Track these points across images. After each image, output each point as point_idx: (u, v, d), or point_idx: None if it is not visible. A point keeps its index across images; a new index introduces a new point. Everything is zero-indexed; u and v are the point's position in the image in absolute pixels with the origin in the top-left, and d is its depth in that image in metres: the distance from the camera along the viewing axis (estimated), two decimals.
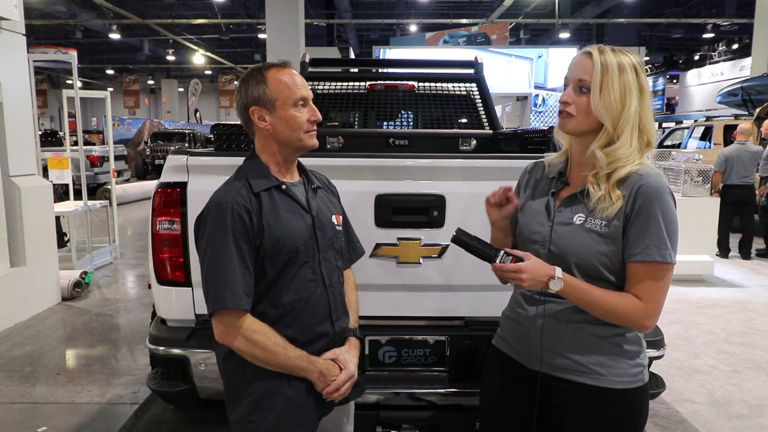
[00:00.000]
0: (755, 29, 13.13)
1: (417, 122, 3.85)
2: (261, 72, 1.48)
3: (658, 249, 1.29)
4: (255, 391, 1.46)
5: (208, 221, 1.42)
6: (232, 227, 1.39)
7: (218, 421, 2.86)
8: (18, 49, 4.64)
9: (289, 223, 1.46)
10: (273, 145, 1.50)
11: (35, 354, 3.93)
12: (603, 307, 1.32)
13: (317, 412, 1.54)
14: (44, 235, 4.93)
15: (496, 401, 1.56)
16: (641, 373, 1.40)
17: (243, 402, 1.48)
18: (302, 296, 1.48)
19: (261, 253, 1.43)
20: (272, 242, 1.43)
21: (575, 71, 1.36)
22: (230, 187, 1.46)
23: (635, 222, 1.30)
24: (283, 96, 1.46)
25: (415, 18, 21.32)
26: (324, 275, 1.53)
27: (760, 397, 3.37)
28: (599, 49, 1.34)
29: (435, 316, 2.23)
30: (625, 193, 1.31)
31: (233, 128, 2.41)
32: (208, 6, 20.68)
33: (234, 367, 1.48)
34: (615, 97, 1.31)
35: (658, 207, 1.29)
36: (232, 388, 1.51)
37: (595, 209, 1.34)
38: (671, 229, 1.30)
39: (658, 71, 27.70)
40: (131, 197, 12.18)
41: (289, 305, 1.47)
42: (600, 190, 1.33)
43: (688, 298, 5.38)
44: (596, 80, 1.32)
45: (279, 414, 1.46)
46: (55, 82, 33.16)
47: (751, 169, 6.92)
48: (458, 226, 1.43)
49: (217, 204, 1.42)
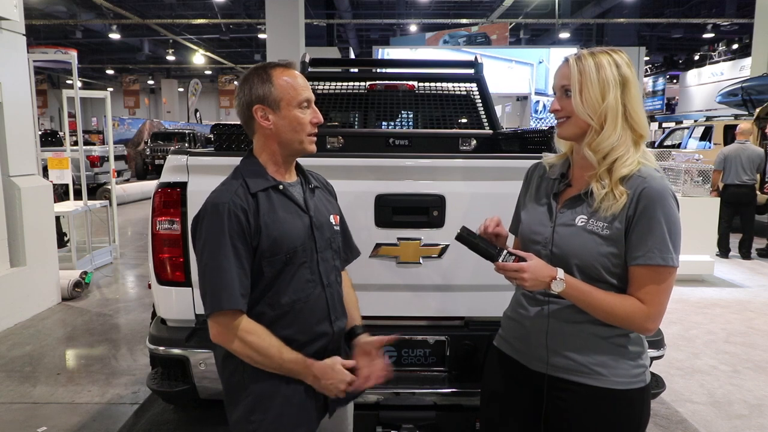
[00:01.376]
0: (755, 29, 13.13)
1: (417, 122, 3.85)
2: (266, 71, 1.48)
3: (661, 252, 1.29)
4: (254, 391, 1.46)
5: (205, 222, 1.42)
6: (229, 228, 1.39)
7: (218, 421, 2.85)
8: (18, 49, 4.65)
9: (287, 224, 1.46)
10: (273, 145, 1.50)
11: (35, 354, 3.93)
12: (604, 309, 1.32)
13: (317, 412, 1.54)
14: (44, 235, 4.93)
15: (497, 402, 1.56)
16: (643, 374, 1.40)
17: (242, 403, 1.47)
18: (301, 296, 1.48)
19: (258, 253, 1.43)
20: (270, 242, 1.43)
21: (558, 79, 1.40)
22: (227, 187, 1.46)
23: (638, 225, 1.30)
24: (288, 96, 1.46)
25: (415, 18, 21.32)
26: (322, 275, 1.53)
27: (760, 397, 3.37)
28: (577, 55, 1.37)
29: (435, 316, 2.23)
30: (629, 191, 1.32)
31: (233, 128, 2.41)
32: (208, 6, 20.69)
33: (233, 368, 1.48)
34: (595, 93, 1.33)
35: (661, 210, 1.29)
36: (231, 389, 1.51)
37: (598, 209, 1.34)
38: (674, 233, 1.30)
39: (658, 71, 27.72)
40: (131, 197, 12.18)
41: (287, 305, 1.46)
42: (604, 188, 1.33)
43: (688, 298, 5.38)
44: (575, 82, 1.34)
45: (278, 414, 1.46)
46: (55, 82, 33.16)
47: (751, 169, 6.90)
48: (463, 225, 1.43)
49: (213, 204, 1.42)
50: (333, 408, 1.58)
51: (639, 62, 18.24)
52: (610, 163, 1.33)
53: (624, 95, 1.34)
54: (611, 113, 1.33)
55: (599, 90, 1.33)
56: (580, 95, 1.34)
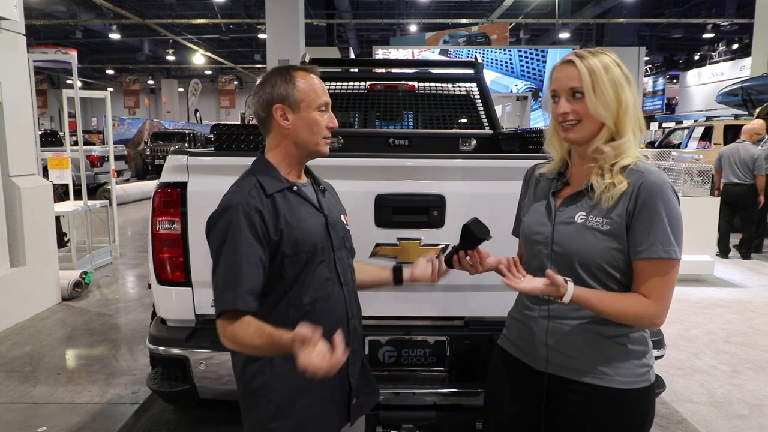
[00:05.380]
0: (755, 29, 13.11)
1: (417, 122, 3.85)
2: (289, 72, 1.50)
3: (663, 245, 1.29)
4: (275, 398, 1.46)
5: (219, 223, 1.43)
6: (242, 228, 1.39)
7: (218, 421, 2.86)
8: (18, 49, 4.64)
9: (306, 223, 1.48)
10: (289, 145, 1.51)
11: (35, 354, 3.93)
12: (612, 313, 1.33)
13: (338, 422, 1.54)
14: (44, 235, 4.93)
15: (502, 402, 1.56)
16: (647, 373, 1.40)
17: (261, 409, 1.47)
18: (321, 295, 1.49)
19: (280, 253, 1.43)
20: (292, 242, 1.43)
21: (563, 82, 1.36)
22: (241, 188, 1.47)
23: (638, 219, 1.31)
24: (309, 98, 1.48)
25: (415, 18, 21.32)
26: (339, 273, 1.55)
27: (760, 397, 3.37)
28: (578, 54, 1.36)
29: (435, 316, 2.23)
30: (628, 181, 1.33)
31: (233, 128, 2.41)
32: (208, 6, 20.69)
33: (254, 373, 1.48)
34: (609, 94, 1.32)
35: (661, 203, 1.30)
36: (250, 394, 1.50)
37: (598, 203, 1.34)
38: (675, 225, 1.30)
39: (658, 71, 27.72)
40: (131, 197, 12.18)
41: (309, 305, 1.47)
42: (605, 180, 1.34)
43: (688, 298, 5.38)
44: (587, 84, 1.33)
45: (299, 422, 1.46)
46: (55, 82, 33.15)
47: (744, 169, 6.86)
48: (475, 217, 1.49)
49: (227, 205, 1.43)
50: (355, 416, 1.58)
51: (639, 62, 18.23)
52: (619, 158, 1.34)
53: (631, 93, 1.35)
54: (629, 112, 1.34)
55: (613, 90, 1.33)
56: (595, 97, 1.33)
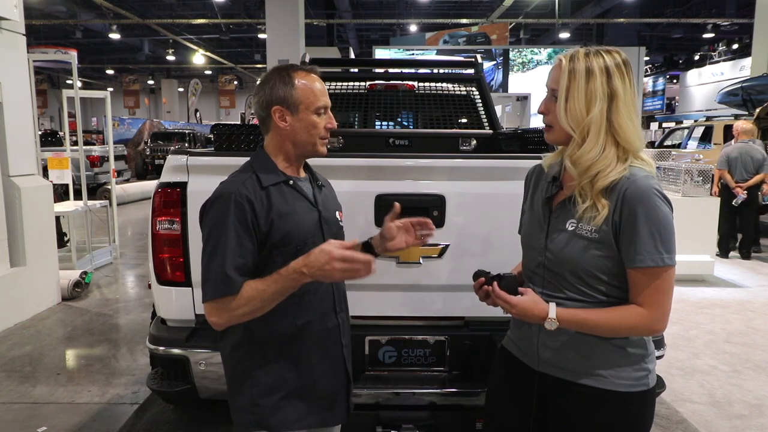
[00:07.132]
0: (755, 29, 13.12)
1: (417, 122, 3.85)
2: (288, 73, 1.51)
3: (649, 254, 1.26)
4: (260, 382, 1.50)
5: (211, 210, 1.45)
6: (233, 216, 1.41)
7: (218, 421, 2.86)
8: (18, 49, 4.64)
9: (298, 216, 1.50)
10: (287, 145, 1.53)
11: (35, 354, 3.93)
12: (606, 329, 1.33)
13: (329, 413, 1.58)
14: (44, 235, 4.93)
15: (502, 402, 1.56)
16: (646, 378, 1.38)
17: (246, 392, 1.51)
18: (309, 288, 1.50)
19: (270, 243, 1.45)
20: (282, 234, 1.45)
21: (549, 79, 1.37)
22: (236, 178, 1.49)
23: (625, 229, 1.28)
24: (307, 101, 1.49)
25: (415, 18, 21.31)
26: None
27: (760, 397, 3.36)
28: (570, 55, 1.32)
29: (435, 316, 2.23)
30: (611, 201, 1.29)
31: (233, 128, 2.41)
32: (208, 6, 20.66)
33: (240, 357, 1.52)
34: (580, 104, 1.29)
35: (643, 210, 1.26)
36: (236, 378, 1.54)
37: (582, 217, 1.33)
38: (661, 231, 1.27)
39: (658, 71, 27.72)
40: (131, 197, 12.17)
41: (297, 297, 1.48)
42: (586, 200, 1.31)
43: (688, 298, 5.38)
44: (562, 89, 1.31)
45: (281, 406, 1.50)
46: (55, 82, 33.14)
47: (753, 169, 6.88)
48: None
49: (220, 194, 1.45)
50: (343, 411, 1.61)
51: (639, 62, 18.21)
52: (591, 176, 1.30)
53: (611, 109, 1.29)
54: (594, 127, 1.29)
55: (584, 101, 1.29)
56: (565, 104, 1.31)
